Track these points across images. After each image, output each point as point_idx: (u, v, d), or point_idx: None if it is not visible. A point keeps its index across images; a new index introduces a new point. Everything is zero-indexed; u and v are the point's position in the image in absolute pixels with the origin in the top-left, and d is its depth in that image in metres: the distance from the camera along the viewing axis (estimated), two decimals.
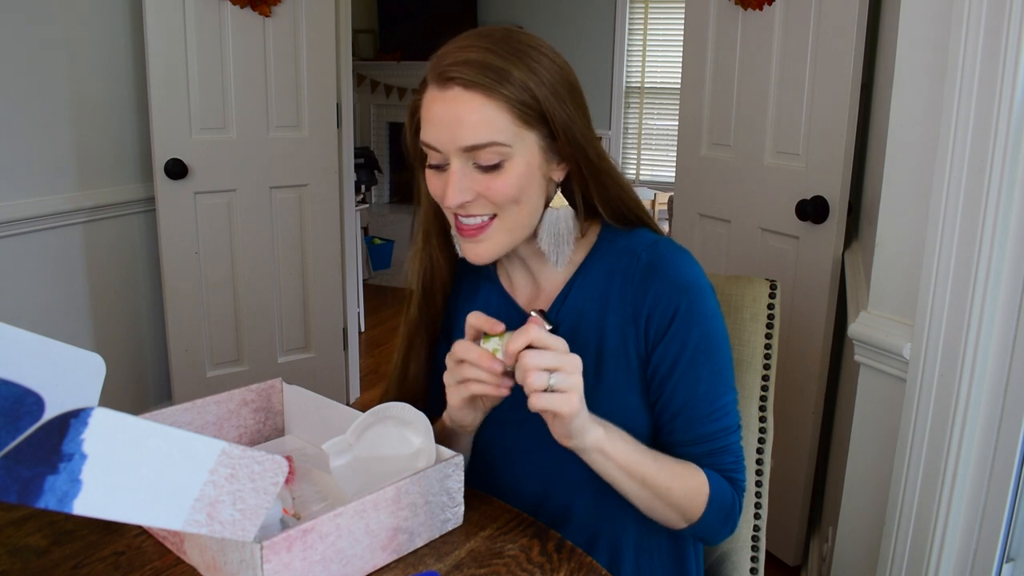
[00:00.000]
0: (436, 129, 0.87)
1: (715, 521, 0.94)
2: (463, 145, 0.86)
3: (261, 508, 0.70)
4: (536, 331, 0.80)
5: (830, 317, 1.95)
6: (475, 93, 0.85)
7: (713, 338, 0.94)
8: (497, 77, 0.85)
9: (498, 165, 0.87)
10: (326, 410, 1.05)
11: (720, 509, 0.94)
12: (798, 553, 2.12)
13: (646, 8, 5.58)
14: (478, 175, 0.88)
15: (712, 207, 2.30)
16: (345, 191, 3.00)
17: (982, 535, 1.17)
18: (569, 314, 0.98)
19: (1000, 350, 1.12)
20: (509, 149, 0.87)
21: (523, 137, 0.88)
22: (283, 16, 2.67)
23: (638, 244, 0.97)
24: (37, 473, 0.60)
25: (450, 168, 0.88)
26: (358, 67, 6.29)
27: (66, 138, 2.38)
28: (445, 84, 0.86)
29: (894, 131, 1.37)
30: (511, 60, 0.86)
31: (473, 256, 0.93)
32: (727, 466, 0.96)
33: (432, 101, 0.88)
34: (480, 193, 0.88)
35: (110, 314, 2.58)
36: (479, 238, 0.91)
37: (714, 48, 2.23)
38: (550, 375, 0.79)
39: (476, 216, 0.90)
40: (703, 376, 0.94)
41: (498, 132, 0.86)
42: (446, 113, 0.86)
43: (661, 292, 0.93)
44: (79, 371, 0.62)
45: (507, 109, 0.86)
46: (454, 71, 0.85)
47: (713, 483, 0.93)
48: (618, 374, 0.96)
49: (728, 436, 0.96)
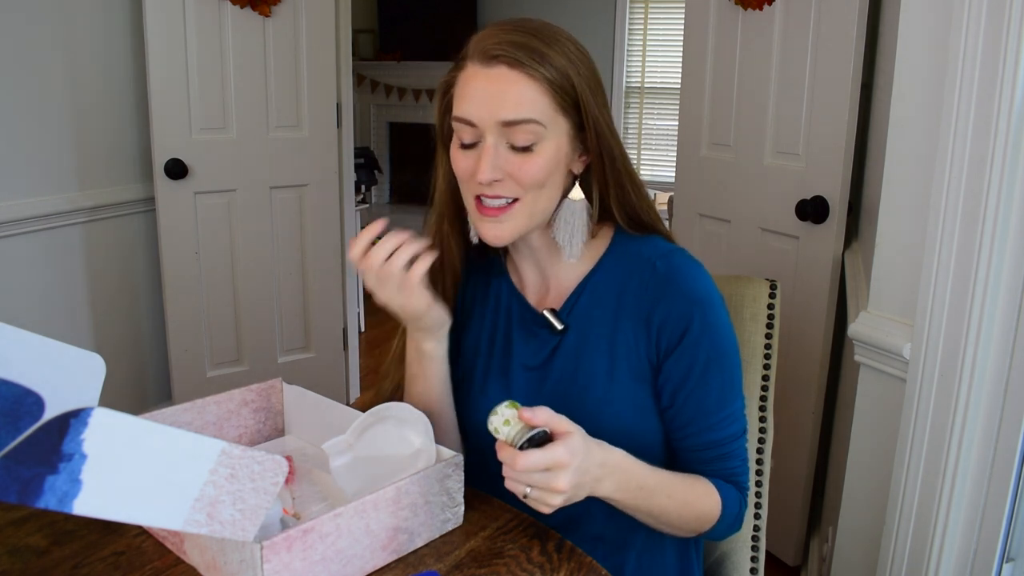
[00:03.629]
0: (475, 104, 0.89)
1: (723, 527, 0.98)
2: (503, 119, 0.88)
3: (261, 508, 0.70)
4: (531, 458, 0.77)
5: (830, 317, 1.95)
6: (519, 72, 0.88)
7: (724, 350, 0.95)
8: (540, 60, 0.88)
9: (530, 148, 0.89)
10: (326, 410, 1.05)
11: (729, 516, 0.97)
12: (798, 553, 2.12)
13: (646, 8, 5.59)
14: (510, 155, 0.90)
15: (712, 207, 2.30)
16: (345, 191, 3.00)
17: (982, 535, 1.17)
18: (581, 314, 0.99)
19: (1000, 350, 1.12)
20: (544, 130, 0.89)
21: (557, 122, 0.90)
22: (283, 16, 2.67)
23: (653, 252, 0.98)
24: (37, 473, 0.60)
25: (484, 144, 0.90)
26: (358, 67, 6.29)
27: (66, 138, 2.38)
28: (489, 62, 0.88)
29: (894, 131, 1.37)
30: (552, 47, 0.89)
31: (492, 236, 0.94)
32: (734, 470, 0.98)
33: (472, 77, 0.90)
34: (510, 174, 0.90)
35: (110, 314, 2.58)
36: (500, 218, 0.92)
37: (714, 48, 2.23)
38: (528, 488, 0.79)
39: (500, 198, 0.92)
40: (713, 386, 0.95)
41: (538, 111, 0.88)
42: (488, 88, 0.88)
43: (673, 304, 0.94)
44: (79, 371, 0.62)
45: (547, 91, 0.88)
46: (499, 49, 0.88)
47: (724, 497, 0.96)
48: (630, 375, 0.96)
49: (735, 441, 0.98)
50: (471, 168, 0.91)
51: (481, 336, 1.05)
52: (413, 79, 6.40)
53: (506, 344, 1.03)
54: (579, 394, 0.96)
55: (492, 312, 1.05)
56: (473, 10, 5.84)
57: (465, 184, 0.94)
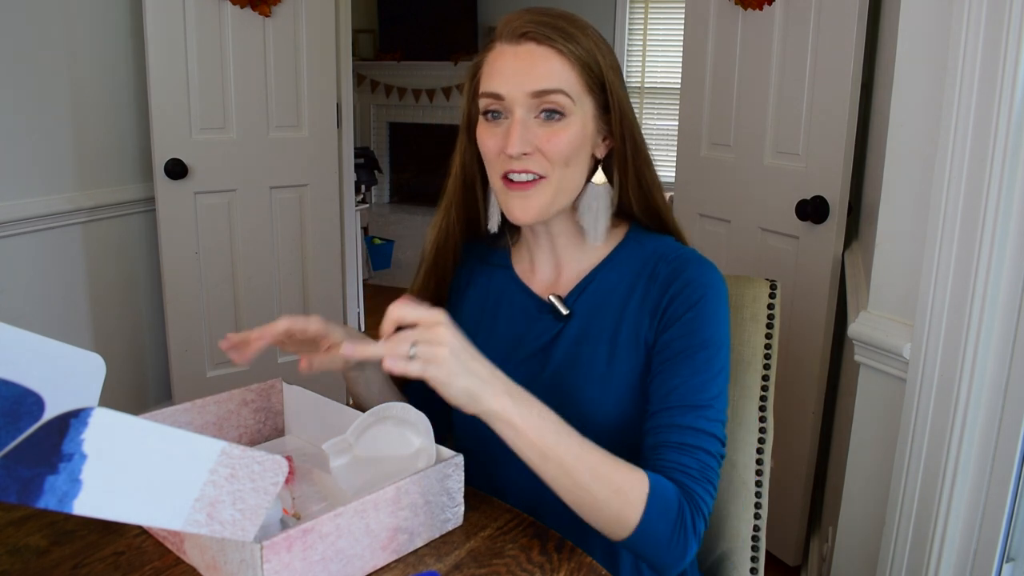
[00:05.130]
0: (504, 77, 0.92)
1: (658, 531, 0.84)
2: (533, 89, 0.90)
3: (261, 508, 0.70)
4: (397, 309, 0.79)
5: (830, 317, 1.95)
6: (548, 48, 0.91)
7: (718, 341, 0.95)
8: (568, 38, 0.91)
9: (560, 116, 0.92)
10: (326, 410, 1.05)
11: (662, 515, 0.84)
12: (798, 553, 2.12)
13: (646, 8, 5.59)
14: (539, 129, 0.92)
15: (712, 207, 2.30)
16: (345, 191, 3.00)
17: (982, 535, 1.17)
18: (587, 304, 1.00)
19: (1000, 350, 1.12)
20: (571, 104, 0.92)
21: (583, 100, 0.93)
22: (283, 16, 2.67)
23: (668, 249, 1.00)
24: (37, 473, 0.60)
25: (513, 117, 0.92)
26: (358, 67, 6.29)
27: (66, 138, 2.38)
28: (518, 40, 0.92)
29: (894, 131, 1.37)
30: (579, 28, 0.93)
31: (520, 212, 0.95)
32: (688, 470, 0.88)
33: (501, 55, 0.93)
34: (538, 147, 0.92)
35: (110, 314, 2.58)
36: (528, 192, 0.94)
37: (714, 48, 2.23)
38: (412, 345, 0.77)
39: (528, 172, 0.93)
40: (699, 368, 0.93)
41: (566, 83, 0.91)
42: (518, 62, 0.91)
43: (684, 286, 0.95)
44: (79, 371, 0.62)
45: (575, 68, 0.91)
46: (528, 27, 0.91)
47: (654, 482, 0.84)
48: (630, 367, 0.97)
49: (703, 439, 0.89)
50: (499, 144, 0.93)
51: (469, 323, 1.06)
52: (413, 79, 6.40)
53: (490, 334, 1.05)
54: (576, 382, 0.97)
55: (494, 301, 1.07)
56: (473, 10, 5.84)
57: (492, 163, 0.96)
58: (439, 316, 0.79)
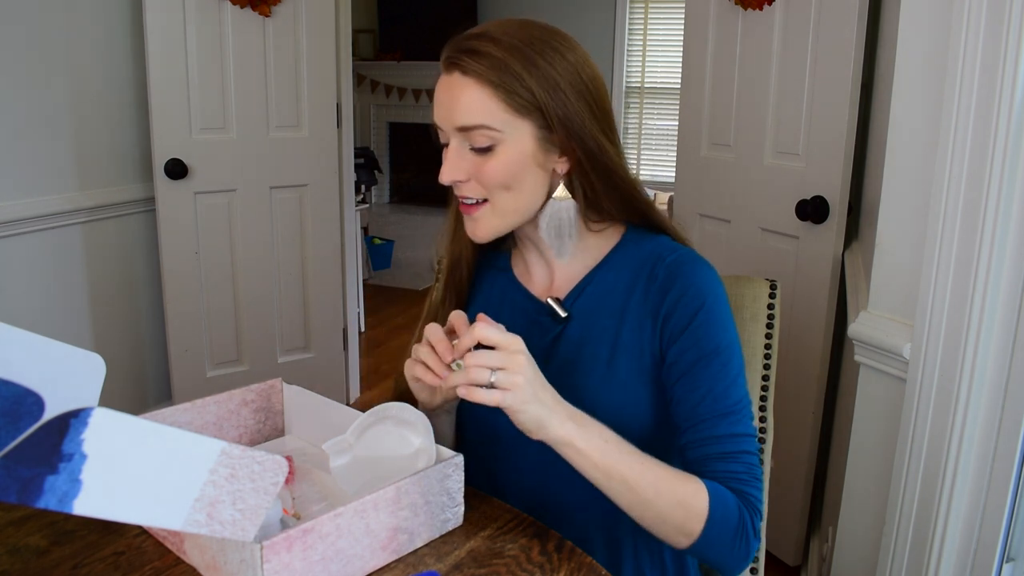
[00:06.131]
0: (438, 109, 0.94)
1: (722, 537, 0.88)
2: (456, 125, 0.91)
3: (261, 508, 0.70)
4: (482, 329, 0.82)
5: (830, 317, 1.95)
6: (469, 79, 0.90)
7: (729, 342, 0.95)
8: (491, 65, 0.89)
9: (490, 148, 0.91)
10: (326, 410, 1.05)
11: (724, 522, 0.87)
12: (798, 553, 2.12)
13: (646, 8, 5.59)
14: (472, 156, 0.93)
15: (712, 207, 2.30)
16: (345, 191, 3.00)
17: (982, 535, 1.17)
18: (585, 306, 1.00)
19: (1000, 350, 1.12)
20: (499, 134, 0.91)
21: (515, 125, 0.91)
22: (283, 16, 2.67)
23: (664, 249, 0.99)
24: (37, 473, 0.60)
25: (449, 147, 0.93)
26: (358, 67, 6.29)
27: (66, 138, 2.38)
28: (448, 69, 0.92)
29: (894, 131, 1.37)
30: (512, 51, 0.90)
31: (470, 233, 0.98)
32: (738, 475, 0.91)
33: (439, 84, 0.94)
34: (472, 175, 0.93)
35: (110, 314, 2.58)
36: (474, 216, 0.96)
37: (714, 48, 2.23)
38: (492, 372, 0.81)
39: (469, 198, 0.95)
40: (718, 376, 0.94)
41: (488, 116, 0.90)
42: (446, 95, 0.92)
43: (682, 293, 0.95)
44: (79, 371, 0.62)
45: (499, 96, 0.89)
46: (455, 58, 0.91)
47: (713, 492, 0.88)
48: (630, 368, 0.97)
49: (742, 442, 0.92)
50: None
51: None
52: (413, 79, 6.40)
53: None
54: (576, 385, 0.97)
55: (496, 304, 1.07)
56: (473, 10, 5.84)
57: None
58: (519, 344, 0.83)
